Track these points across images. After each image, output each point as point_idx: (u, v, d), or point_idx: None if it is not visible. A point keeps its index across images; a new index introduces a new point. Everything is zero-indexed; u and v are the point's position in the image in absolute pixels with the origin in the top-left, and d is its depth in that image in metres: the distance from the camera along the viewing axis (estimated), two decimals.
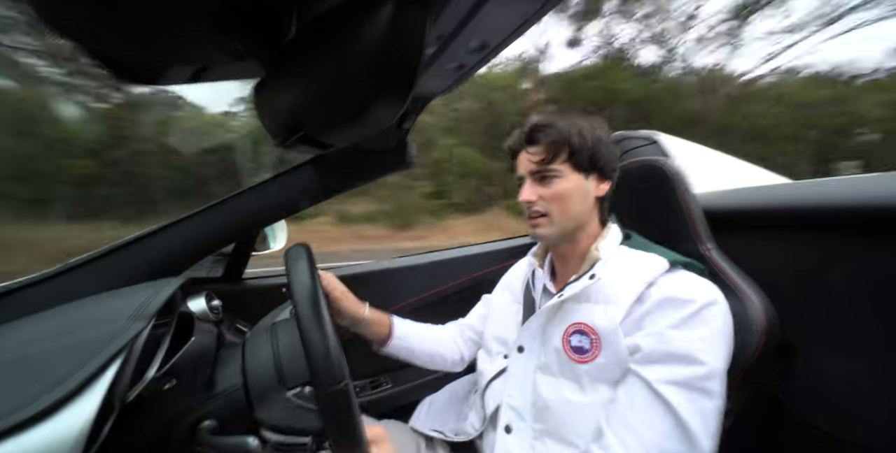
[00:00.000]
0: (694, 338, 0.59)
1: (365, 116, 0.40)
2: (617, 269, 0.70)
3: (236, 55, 0.46)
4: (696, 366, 0.58)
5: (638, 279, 0.66)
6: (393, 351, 0.94)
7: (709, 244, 0.84)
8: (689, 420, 0.56)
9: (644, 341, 0.62)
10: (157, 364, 0.57)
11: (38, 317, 0.59)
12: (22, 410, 0.37)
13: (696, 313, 0.61)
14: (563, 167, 0.72)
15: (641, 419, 0.58)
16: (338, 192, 1.02)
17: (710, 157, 1.41)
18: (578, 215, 0.75)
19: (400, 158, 1.04)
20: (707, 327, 0.61)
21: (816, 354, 0.81)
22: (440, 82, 0.75)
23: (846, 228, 0.75)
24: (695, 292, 0.63)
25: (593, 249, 0.74)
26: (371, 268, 1.33)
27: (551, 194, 0.73)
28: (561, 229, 0.75)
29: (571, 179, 0.73)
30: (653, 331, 0.62)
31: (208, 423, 0.53)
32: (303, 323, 0.48)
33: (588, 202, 0.75)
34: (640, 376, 0.60)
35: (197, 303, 0.85)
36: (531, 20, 0.53)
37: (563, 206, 0.73)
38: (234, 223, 0.92)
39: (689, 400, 0.57)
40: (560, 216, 0.74)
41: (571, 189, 0.73)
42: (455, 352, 0.99)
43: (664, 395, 0.57)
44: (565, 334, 0.70)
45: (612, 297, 0.67)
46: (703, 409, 0.57)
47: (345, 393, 0.47)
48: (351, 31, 0.35)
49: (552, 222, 0.74)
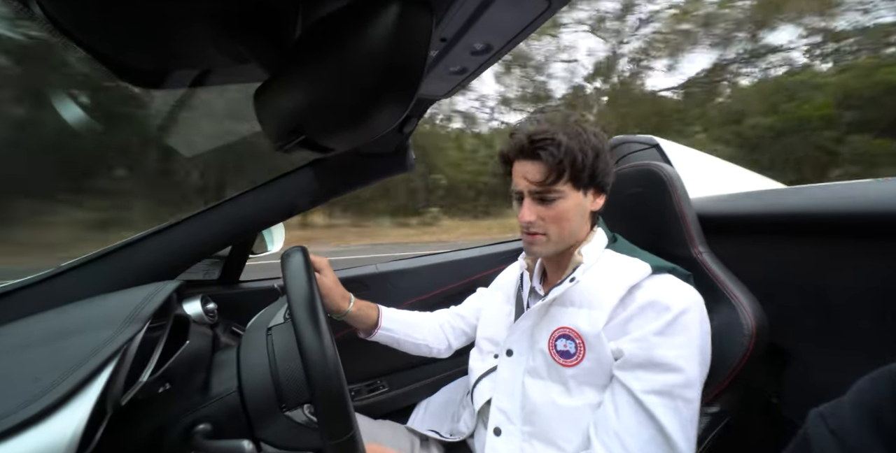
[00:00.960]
0: (674, 345, 0.61)
1: (367, 120, 0.39)
2: (600, 273, 0.71)
3: (240, 58, 0.46)
4: (675, 374, 0.60)
5: (620, 283, 0.67)
6: (379, 339, 0.96)
7: (700, 247, 0.85)
8: (671, 429, 0.58)
9: (628, 346, 0.63)
10: (151, 367, 0.57)
11: (33, 319, 0.58)
12: (14, 414, 0.37)
13: (676, 319, 0.62)
14: (565, 187, 0.70)
15: (627, 428, 0.60)
16: (337, 195, 1.01)
17: (707, 163, 1.42)
18: (575, 232, 0.75)
19: (400, 161, 1.04)
20: (686, 334, 0.62)
21: (810, 357, 0.81)
22: (443, 85, 0.75)
23: (840, 233, 0.76)
24: (675, 298, 0.64)
25: (577, 254, 0.75)
26: (368, 272, 1.33)
27: (552, 215, 0.71)
28: (556, 247, 0.75)
29: (571, 199, 0.71)
30: (637, 336, 0.63)
31: (203, 427, 0.52)
32: (301, 335, 0.47)
33: (584, 217, 0.75)
34: (623, 384, 0.62)
35: (193, 306, 0.84)
36: (535, 23, 0.53)
37: (561, 227, 0.72)
38: (231, 226, 0.91)
39: (671, 409, 0.59)
40: (557, 235, 0.73)
41: (572, 209, 0.72)
42: (441, 341, 1.00)
43: (647, 405, 0.59)
44: (551, 338, 0.71)
45: (595, 301, 0.68)
46: (683, 417, 0.59)
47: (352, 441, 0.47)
48: (355, 34, 0.34)
49: (549, 241, 0.74)
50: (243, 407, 0.54)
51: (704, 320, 0.65)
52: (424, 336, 0.98)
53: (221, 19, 0.42)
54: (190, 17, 0.41)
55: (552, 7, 0.49)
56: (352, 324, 0.93)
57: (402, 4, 0.33)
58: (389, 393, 1.28)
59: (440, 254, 1.48)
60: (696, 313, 0.64)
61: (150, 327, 0.53)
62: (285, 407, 0.54)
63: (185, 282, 0.71)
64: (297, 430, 0.55)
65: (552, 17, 0.53)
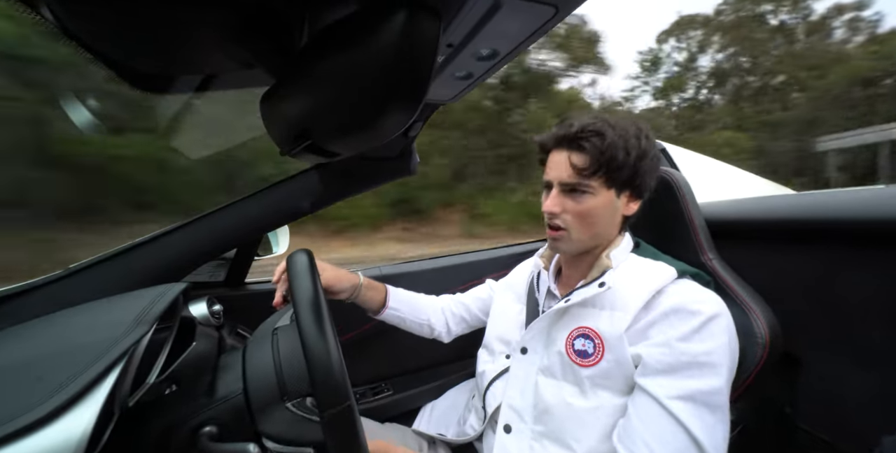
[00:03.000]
0: (700, 352, 0.59)
1: (374, 125, 0.39)
2: (625, 277, 0.70)
3: (246, 63, 0.46)
4: (702, 380, 0.58)
5: (646, 287, 0.66)
6: (386, 318, 0.98)
7: (710, 254, 0.84)
8: (701, 436, 0.55)
9: (650, 352, 0.61)
10: (157, 369, 0.57)
11: (39, 321, 0.59)
12: (23, 416, 0.37)
13: (703, 325, 0.60)
14: (597, 183, 0.68)
15: (654, 436, 0.57)
16: (342, 198, 1.02)
17: (713, 167, 1.41)
18: (600, 234, 0.72)
19: (404, 165, 1.04)
20: (713, 340, 0.60)
21: (822, 366, 0.80)
22: (449, 90, 0.75)
23: (852, 239, 0.75)
24: (702, 304, 0.63)
25: (604, 257, 0.73)
26: (372, 274, 1.33)
27: (578, 211, 0.69)
28: (579, 246, 0.73)
29: (602, 197, 0.69)
30: (659, 341, 0.61)
31: (209, 429, 0.52)
32: (305, 335, 0.47)
33: (614, 221, 0.73)
34: (647, 391, 0.60)
35: (198, 308, 0.84)
36: (543, 29, 0.53)
37: (585, 225, 0.70)
38: (237, 228, 0.92)
39: (698, 417, 0.56)
40: (579, 234, 0.71)
41: (600, 208, 0.69)
42: (442, 325, 1.02)
43: (674, 411, 0.57)
44: (569, 338, 0.69)
45: (619, 304, 0.67)
46: (712, 424, 0.57)
47: (349, 411, 0.46)
48: (363, 40, 0.35)
49: (570, 238, 0.71)
50: (248, 404, 0.54)
51: (732, 327, 0.63)
52: (429, 316, 1.00)
53: (228, 25, 0.42)
54: (197, 23, 0.42)
55: (560, 13, 0.49)
56: (360, 305, 0.95)
57: (409, 11, 0.34)
58: (394, 396, 1.28)
59: (446, 257, 1.47)
60: (723, 320, 0.62)
61: (156, 329, 0.54)
62: (287, 398, 0.54)
63: (191, 283, 0.72)
64: (299, 423, 0.54)
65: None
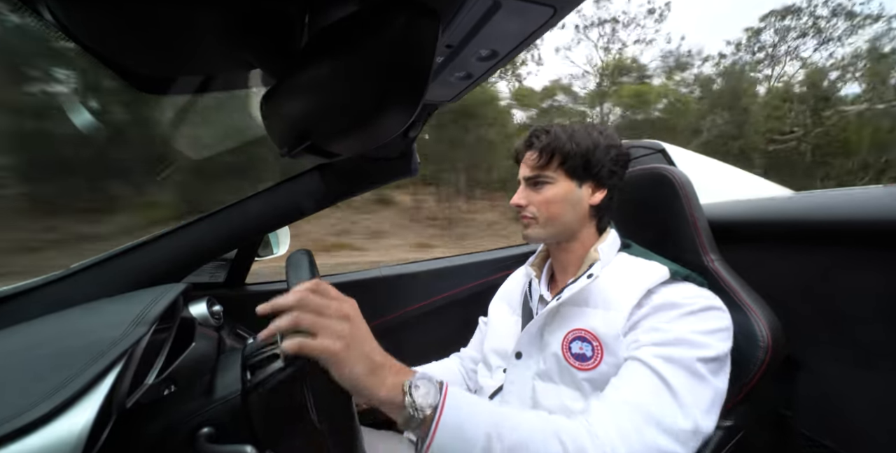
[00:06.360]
0: (689, 330, 0.60)
1: (374, 126, 0.40)
2: (617, 274, 0.70)
3: (246, 64, 0.47)
4: (690, 349, 0.58)
5: (638, 285, 0.66)
6: None
7: (713, 255, 0.83)
8: (677, 385, 0.55)
9: (637, 336, 0.62)
10: (156, 369, 0.57)
11: (41, 321, 0.59)
12: (20, 416, 0.37)
13: (694, 313, 0.61)
14: (556, 174, 0.74)
15: (623, 380, 0.59)
16: (342, 199, 1.02)
17: (713, 168, 1.41)
18: (568, 223, 0.76)
19: (405, 165, 1.04)
20: (704, 323, 0.61)
21: (823, 369, 0.80)
22: (448, 90, 0.75)
23: (854, 241, 0.74)
24: (696, 298, 0.64)
25: (592, 251, 0.75)
26: (373, 275, 1.33)
27: (540, 200, 0.75)
28: (549, 233, 0.77)
29: (562, 186, 0.74)
30: (647, 327, 0.62)
31: (206, 430, 0.52)
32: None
33: (580, 210, 0.76)
34: (631, 356, 0.61)
35: (198, 309, 0.85)
36: (541, 29, 0.53)
37: (550, 212, 0.75)
38: (237, 229, 0.92)
39: (682, 376, 0.56)
40: (547, 221, 0.76)
41: (560, 195, 0.74)
42: (461, 385, 0.98)
43: (653, 365, 0.57)
44: (565, 340, 0.69)
45: (612, 302, 0.67)
46: (695, 386, 0.56)
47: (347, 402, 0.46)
48: (363, 41, 0.35)
49: (538, 224, 0.77)
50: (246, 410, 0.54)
51: (727, 322, 0.64)
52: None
53: (229, 26, 0.42)
54: (198, 24, 0.42)
55: (558, 14, 0.49)
56: None
57: (408, 12, 0.34)
58: None
59: (445, 258, 1.48)
60: (718, 313, 0.63)
61: (156, 329, 0.53)
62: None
63: (191, 284, 0.72)
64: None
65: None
